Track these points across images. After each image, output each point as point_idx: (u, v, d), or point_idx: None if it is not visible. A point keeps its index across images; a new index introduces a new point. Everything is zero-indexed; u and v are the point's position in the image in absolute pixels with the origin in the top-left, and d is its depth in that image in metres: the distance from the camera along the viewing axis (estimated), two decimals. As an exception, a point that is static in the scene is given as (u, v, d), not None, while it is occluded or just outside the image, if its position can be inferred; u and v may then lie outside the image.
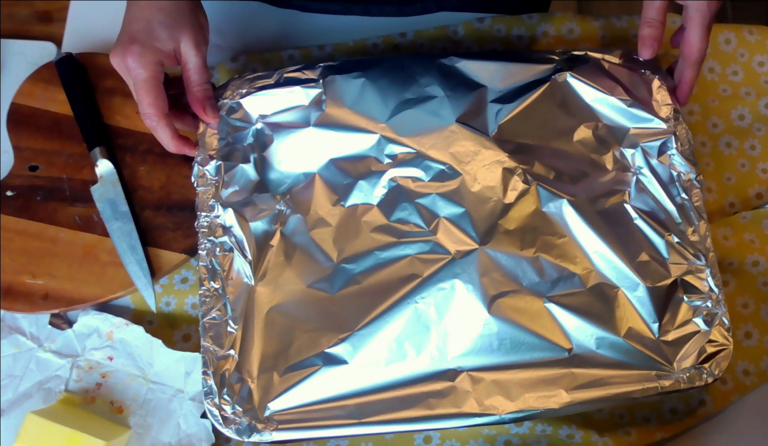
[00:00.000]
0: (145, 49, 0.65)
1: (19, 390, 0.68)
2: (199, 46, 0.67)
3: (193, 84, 0.68)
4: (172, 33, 0.66)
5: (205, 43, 0.68)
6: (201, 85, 0.68)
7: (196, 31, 0.67)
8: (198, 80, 0.68)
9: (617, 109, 0.72)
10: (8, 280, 0.70)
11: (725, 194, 0.76)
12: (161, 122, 0.67)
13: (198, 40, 0.67)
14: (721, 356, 0.64)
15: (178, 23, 0.66)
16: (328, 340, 0.64)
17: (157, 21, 0.65)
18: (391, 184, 0.69)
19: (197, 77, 0.68)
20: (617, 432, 0.67)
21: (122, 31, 0.66)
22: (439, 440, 0.67)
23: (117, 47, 0.65)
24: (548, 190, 0.68)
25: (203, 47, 0.68)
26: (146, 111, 0.66)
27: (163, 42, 0.65)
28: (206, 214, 0.68)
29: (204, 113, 0.69)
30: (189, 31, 0.66)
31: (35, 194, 0.74)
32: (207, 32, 0.69)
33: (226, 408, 0.63)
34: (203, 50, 0.68)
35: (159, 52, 0.65)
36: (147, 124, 0.67)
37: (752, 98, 0.79)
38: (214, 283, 0.66)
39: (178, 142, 0.69)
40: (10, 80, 0.79)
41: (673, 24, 0.80)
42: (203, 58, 0.68)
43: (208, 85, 0.69)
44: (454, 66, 0.73)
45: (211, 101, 0.69)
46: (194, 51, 0.67)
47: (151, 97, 0.65)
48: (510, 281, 0.65)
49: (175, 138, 0.69)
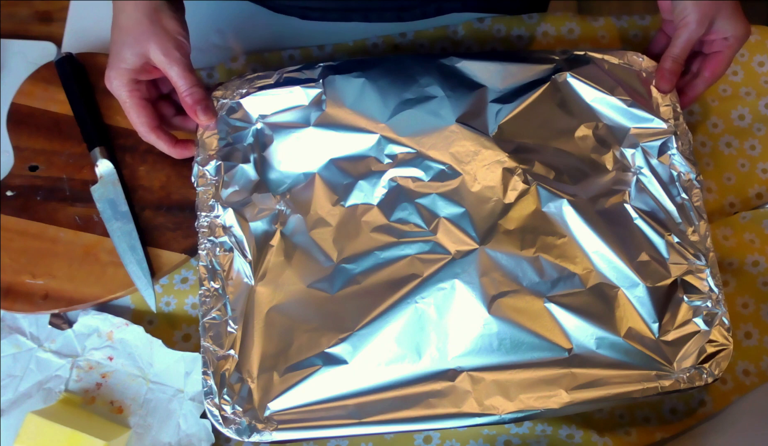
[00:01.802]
0: (116, 73, 0.67)
1: (19, 390, 0.68)
2: (169, 53, 0.67)
3: (180, 91, 0.68)
4: (135, 49, 0.66)
5: (176, 47, 0.67)
6: (187, 90, 0.68)
7: (162, 40, 0.66)
8: (183, 86, 0.68)
9: (617, 109, 0.72)
10: (8, 280, 0.70)
11: (725, 194, 0.76)
12: (152, 135, 0.69)
13: (166, 48, 0.66)
14: (721, 356, 0.64)
15: (140, 38, 0.66)
16: (328, 340, 0.64)
17: (120, 42, 0.66)
18: (391, 184, 0.69)
19: (181, 83, 0.68)
20: (617, 432, 0.67)
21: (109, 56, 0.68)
22: (439, 440, 0.67)
23: (106, 74, 0.68)
24: (548, 190, 0.68)
25: (175, 52, 0.67)
26: (138, 128, 0.69)
27: (128, 61, 0.66)
28: (206, 214, 0.68)
29: (197, 117, 0.69)
30: (153, 42, 0.66)
31: (35, 194, 0.74)
32: (179, 36, 0.68)
33: (226, 408, 0.63)
34: (176, 55, 0.67)
35: (129, 71, 0.67)
36: (143, 138, 0.70)
37: (752, 98, 0.79)
38: (214, 283, 0.66)
39: (176, 148, 0.70)
40: (10, 80, 0.79)
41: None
42: (180, 63, 0.67)
43: (196, 88, 0.68)
44: (454, 66, 0.73)
45: (202, 103, 0.69)
46: (166, 60, 0.66)
47: (134, 115, 0.68)
48: (510, 281, 0.65)
49: (172, 145, 0.70)
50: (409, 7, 0.79)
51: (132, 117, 0.68)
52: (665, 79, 0.71)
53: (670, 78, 0.71)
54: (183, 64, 0.67)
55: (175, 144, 0.70)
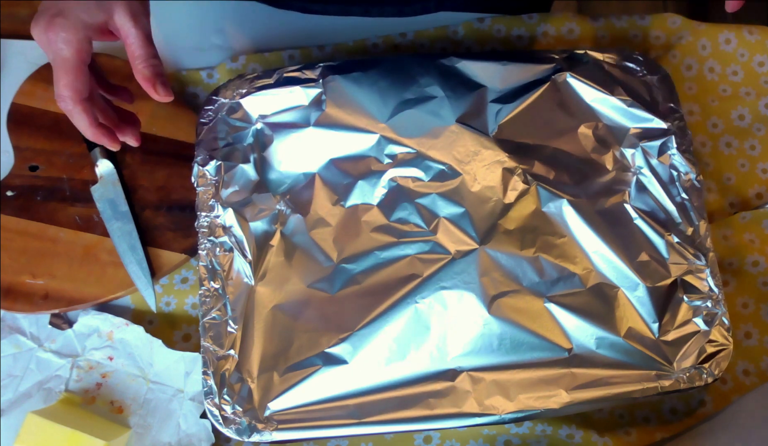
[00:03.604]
0: (69, 23, 0.58)
1: (19, 390, 0.68)
2: (137, 17, 0.59)
3: (138, 59, 0.60)
4: (103, 2, 0.58)
5: (144, 14, 0.61)
6: (147, 60, 0.60)
7: (132, 1, 0.59)
8: (143, 54, 0.60)
9: (617, 109, 0.72)
10: (8, 280, 0.70)
11: (725, 194, 0.76)
12: (77, 107, 0.60)
13: (135, 11, 0.59)
14: (721, 356, 0.64)
15: None
16: (328, 340, 0.64)
17: None
18: (391, 184, 0.69)
19: (141, 51, 0.60)
20: (617, 432, 0.67)
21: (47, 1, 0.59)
22: (439, 440, 0.67)
23: (39, 18, 0.58)
24: (548, 190, 0.68)
25: (142, 18, 0.60)
26: (61, 92, 0.59)
27: (91, 13, 0.58)
28: (206, 214, 0.68)
29: (155, 91, 0.61)
30: (121, 2, 0.59)
31: (35, 194, 0.74)
32: (147, 4, 0.62)
33: (226, 408, 0.63)
34: (143, 21, 0.60)
35: (87, 26, 0.58)
36: (61, 106, 0.60)
37: (752, 98, 0.79)
38: (214, 283, 0.66)
39: (96, 130, 0.63)
40: (10, 80, 0.79)
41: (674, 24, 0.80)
42: (144, 30, 0.60)
43: (156, 60, 0.61)
44: (454, 66, 0.73)
45: (161, 77, 0.61)
46: (131, 22, 0.59)
47: (69, 77, 0.59)
48: (510, 281, 0.65)
49: (93, 125, 0.62)
50: (409, 2, 0.79)
51: (62, 79, 0.59)
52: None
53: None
54: (146, 32, 0.60)
55: (96, 125, 0.63)
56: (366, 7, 0.79)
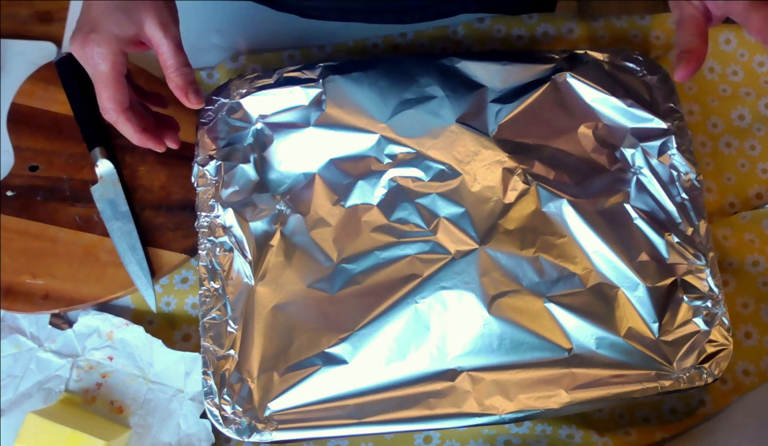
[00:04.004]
0: (103, 38, 0.60)
1: (19, 390, 0.68)
2: (167, 26, 0.61)
3: (170, 68, 0.62)
4: (133, 15, 0.60)
5: (174, 22, 0.62)
6: (179, 68, 0.62)
7: (161, 11, 0.61)
8: (175, 64, 0.62)
9: (617, 109, 0.72)
10: (8, 280, 0.70)
11: (725, 194, 0.76)
12: (121, 117, 0.63)
13: (165, 20, 0.61)
14: (721, 356, 0.64)
15: (138, 3, 0.60)
16: (328, 340, 0.64)
17: (115, 3, 0.60)
18: (391, 184, 0.69)
19: (173, 61, 0.62)
20: (617, 432, 0.67)
21: (82, 17, 0.61)
22: (439, 440, 0.67)
23: (76, 34, 0.61)
24: (548, 190, 0.68)
25: (172, 27, 0.62)
26: (104, 105, 0.62)
27: (123, 27, 0.60)
28: (206, 214, 0.68)
29: (187, 99, 0.63)
30: (152, 11, 0.60)
31: (35, 194, 0.74)
32: (175, 11, 0.63)
33: (226, 408, 0.63)
34: (173, 30, 0.62)
35: (120, 39, 0.60)
36: (106, 118, 0.63)
37: (752, 98, 0.79)
38: (214, 283, 0.66)
39: (142, 135, 0.65)
40: (10, 80, 0.79)
41: (674, 24, 0.80)
42: (175, 39, 0.62)
43: (188, 68, 0.63)
44: (454, 66, 0.73)
45: (194, 86, 0.63)
46: (161, 32, 0.61)
47: (110, 90, 0.61)
48: (510, 281, 0.65)
49: (138, 132, 0.65)
50: (409, 9, 0.79)
51: (104, 92, 0.61)
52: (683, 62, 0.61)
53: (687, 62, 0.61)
54: (176, 40, 0.62)
55: (141, 131, 0.65)
56: (366, 14, 0.79)
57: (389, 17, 0.80)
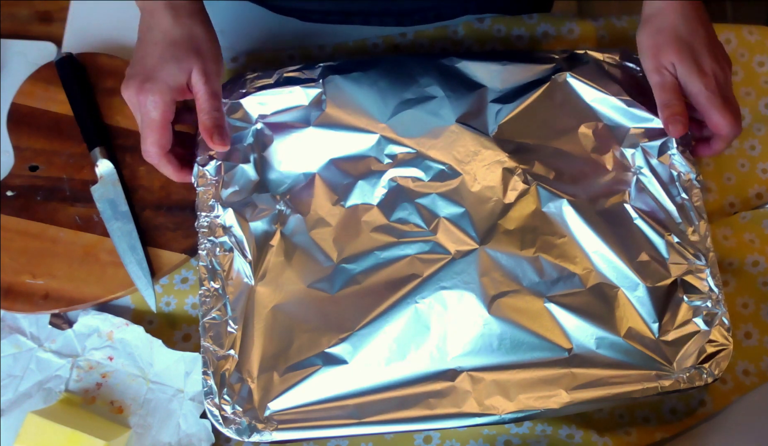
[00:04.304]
0: (156, 87, 0.65)
1: (19, 390, 0.68)
2: (208, 75, 0.66)
3: (202, 112, 0.67)
4: (183, 65, 0.65)
5: (216, 73, 0.67)
6: (209, 112, 0.67)
7: (207, 62, 0.66)
8: (206, 108, 0.67)
9: (617, 109, 0.72)
10: (8, 280, 0.70)
11: (725, 194, 0.76)
12: (162, 160, 0.67)
13: (208, 70, 0.66)
14: (721, 356, 0.64)
15: (189, 55, 0.66)
16: (328, 340, 0.64)
17: (169, 55, 0.65)
18: (391, 184, 0.69)
19: (206, 105, 0.67)
20: (617, 432, 0.67)
21: (135, 65, 0.66)
22: (439, 440, 0.67)
23: (130, 82, 0.65)
24: (548, 190, 0.68)
25: (213, 77, 0.67)
26: (148, 149, 0.66)
27: (174, 77, 0.65)
28: (206, 214, 0.68)
29: (211, 140, 0.67)
30: (199, 62, 0.66)
31: (35, 194, 0.74)
32: (220, 63, 0.69)
33: (226, 408, 0.63)
34: (213, 79, 0.67)
35: (171, 89, 0.65)
36: (147, 159, 0.67)
37: (752, 98, 0.79)
38: (214, 283, 0.66)
39: (180, 173, 0.69)
40: (10, 80, 0.79)
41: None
42: (213, 87, 0.67)
43: (218, 113, 0.67)
44: (454, 66, 0.74)
45: (219, 129, 0.67)
46: (203, 80, 0.66)
47: (155, 136, 0.66)
48: (510, 281, 0.65)
49: (176, 171, 0.69)
50: (408, 12, 0.79)
51: (149, 137, 0.66)
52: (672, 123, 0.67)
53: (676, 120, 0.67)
54: (214, 87, 0.67)
55: (180, 169, 0.69)
56: (366, 17, 0.80)
57: (389, 20, 0.80)
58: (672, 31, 0.67)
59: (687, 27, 0.67)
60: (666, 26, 0.67)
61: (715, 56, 0.67)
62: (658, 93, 0.68)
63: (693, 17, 0.67)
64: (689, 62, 0.66)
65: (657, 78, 0.68)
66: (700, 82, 0.66)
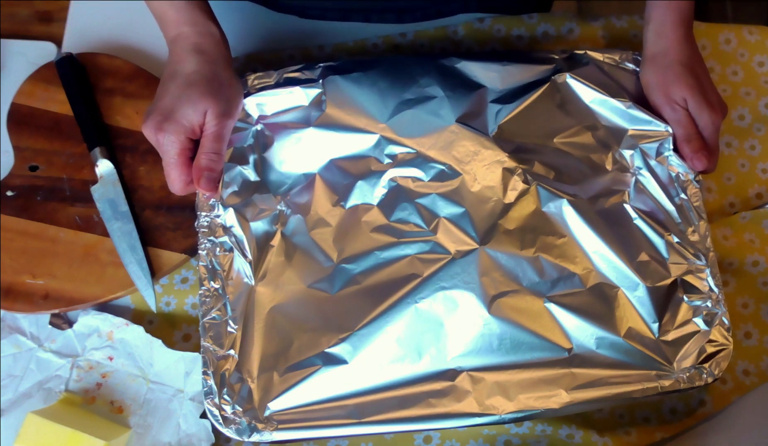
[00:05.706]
0: (174, 127, 0.66)
1: (19, 390, 0.68)
2: (220, 117, 0.67)
3: (202, 150, 0.68)
4: (199, 106, 0.67)
5: (229, 116, 0.69)
6: (207, 154, 0.67)
7: (221, 104, 0.68)
8: (207, 148, 0.68)
9: (616, 111, 0.72)
10: (8, 280, 0.70)
11: (725, 194, 0.76)
12: (188, 190, 0.68)
13: (221, 112, 0.67)
14: (721, 356, 0.64)
15: (206, 97, 0.67)
16: (328, 340, 0.64)
17: (187, 96, 0.67)
18: (391, 184, 0.69)
19: (208, 145, 0.68)
20: (617, 432, 0.67)
21: (155, 102, 0.68)
22: (439, 440, 0.67)
23: (150, 120, 0.67)
24: (548, 190, 0.68)
25: (225, 119, 0.68)
26: (173, 184, 0.68)
27: (189, 118, 0.67)
28: (206, 213, 0.68)
29: (197, 182, 0.67)
30: (215, 104, 0.67)
31: (35, 194, 0.74)
32: (235, 107, 0.70)
33: (226, 408, 0.63)
34: (224, 122, 0.68)
35: (187, 130, 0.67)
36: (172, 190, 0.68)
37: (752, 98, 0.79)
38: (214, 283, 0.66)
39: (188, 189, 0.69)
40: (10, 80, 0.79)
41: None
42: (222, 129, 0.68)
43: (216, 157, 0.68)
44: (454, 66, 0.74)
45: (210, 173, 0.67)
46: (215, 121, 0.67)
47: (177, 172, 0.67)
48: (510, 281, 0.65)
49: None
50: (409, 9, 0.79)
51: (172, 173, 0.67)
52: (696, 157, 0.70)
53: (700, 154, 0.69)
54: (222, 130, 0.68)
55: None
56: (366, 14, 0.80)
57: (390, 17, 0.80)
58: (680, 68, 0.70)
59: (692, 63, 0.71)
60: (673, 63, 0.70)
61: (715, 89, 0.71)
62: (676, 127, 0.71)
63: (695, 54, 0.71)
64: (699, 96, 0.70)
65: (671, 113, 0.71)
66: (710, 117, 0.69)
